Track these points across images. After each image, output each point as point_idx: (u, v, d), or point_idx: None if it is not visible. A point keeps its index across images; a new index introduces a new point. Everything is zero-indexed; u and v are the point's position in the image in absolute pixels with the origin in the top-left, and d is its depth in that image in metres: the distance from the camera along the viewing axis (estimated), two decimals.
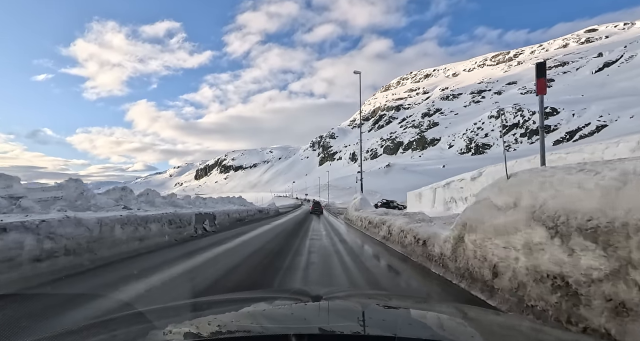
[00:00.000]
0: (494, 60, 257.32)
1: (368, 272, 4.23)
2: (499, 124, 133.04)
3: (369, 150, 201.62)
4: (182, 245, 6.29)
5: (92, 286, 3.23)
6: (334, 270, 4.29)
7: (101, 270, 3.93)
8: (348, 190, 67.14)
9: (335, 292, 1.61)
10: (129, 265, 4.28)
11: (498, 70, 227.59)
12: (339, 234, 9.56)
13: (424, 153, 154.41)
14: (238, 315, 1.08)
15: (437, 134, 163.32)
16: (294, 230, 10.51)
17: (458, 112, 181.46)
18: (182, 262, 4.42)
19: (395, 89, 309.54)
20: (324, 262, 4.79)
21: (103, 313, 2.37)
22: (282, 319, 1.03)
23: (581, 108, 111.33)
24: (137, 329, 0.94)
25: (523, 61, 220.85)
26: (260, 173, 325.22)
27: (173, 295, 2.97)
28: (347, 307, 1.21)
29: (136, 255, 4.94)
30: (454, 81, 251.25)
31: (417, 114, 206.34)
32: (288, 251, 5.74)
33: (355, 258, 5.22)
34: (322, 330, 0.82)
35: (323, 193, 79.64)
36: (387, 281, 3.90)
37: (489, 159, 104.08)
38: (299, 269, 4.23)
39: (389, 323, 0.98)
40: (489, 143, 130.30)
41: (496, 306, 2.65)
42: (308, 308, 1.14)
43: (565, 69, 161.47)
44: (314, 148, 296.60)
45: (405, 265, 4.76)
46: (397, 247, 6.26)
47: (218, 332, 0.84)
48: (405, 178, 71.93)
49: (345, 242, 7.49)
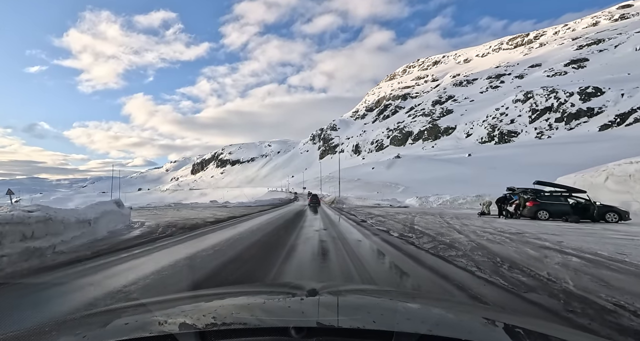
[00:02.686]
0: (511, 44, 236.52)
1: None
2: (527, 108, 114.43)
3: (374, 141, 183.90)
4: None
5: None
6: None
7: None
8: (357, 182, 51.01)
9: (333, 286, 1.61)
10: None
11: (517, 54, 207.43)
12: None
13: (437, 144, 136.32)
14: (235, 307, 1.07)
15: (451, 122, 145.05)
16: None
17: (474, 99, 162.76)
18: None
19: (401, 77, 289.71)
20: None
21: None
22: (281, 312, 1.02)
23: (632, 87, 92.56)
24: (136, 319, 0.95)
25: (546, 42, 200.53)
26: (258, 167, 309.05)
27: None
28: (345, 301, 1.20)
29: None
30: (466, 67, 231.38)
31: (426, 102, 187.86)
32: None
33: None
34: (321, 323, 0.81)
35: (325, 186, 64.43)
36: None
37: (521, 147, 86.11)
38: None
39: (387, 318, 0.97)
40: (515, 130, 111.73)
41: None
42: (306, 301, 1.13)
43: (601, 47, 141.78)
44: (314, 142, 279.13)
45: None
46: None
47: (214, 324, 0.83)
48: (428, 168, 54.48)
49: None
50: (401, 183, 42.30)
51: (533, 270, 3.94)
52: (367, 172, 62.12)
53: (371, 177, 52.59)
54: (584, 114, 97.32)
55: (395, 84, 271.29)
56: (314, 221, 12.10)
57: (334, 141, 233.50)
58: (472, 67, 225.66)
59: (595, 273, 3.80)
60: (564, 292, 3.06)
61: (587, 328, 2.23)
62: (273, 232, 8.75)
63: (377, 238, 7.08)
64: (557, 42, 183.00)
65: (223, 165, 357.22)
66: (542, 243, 6.20)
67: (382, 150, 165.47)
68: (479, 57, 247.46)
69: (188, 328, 0.79)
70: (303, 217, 14.13)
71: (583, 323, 2.30)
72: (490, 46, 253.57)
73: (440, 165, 56.57)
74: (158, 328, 0.82)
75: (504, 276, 3.67)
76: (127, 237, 7.19)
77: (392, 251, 5.50)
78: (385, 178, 46.36)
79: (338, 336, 0.79)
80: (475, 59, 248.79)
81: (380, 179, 45.35)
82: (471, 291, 3.09)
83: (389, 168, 59.22)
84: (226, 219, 12.74)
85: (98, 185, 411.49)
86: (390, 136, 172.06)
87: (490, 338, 0.86)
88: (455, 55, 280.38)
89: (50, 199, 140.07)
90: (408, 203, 27.43)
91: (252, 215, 16.03)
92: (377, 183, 40.77)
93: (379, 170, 62.29)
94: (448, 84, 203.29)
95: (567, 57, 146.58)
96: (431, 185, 39.91)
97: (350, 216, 14.88)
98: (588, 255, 5.00)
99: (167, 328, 0.81)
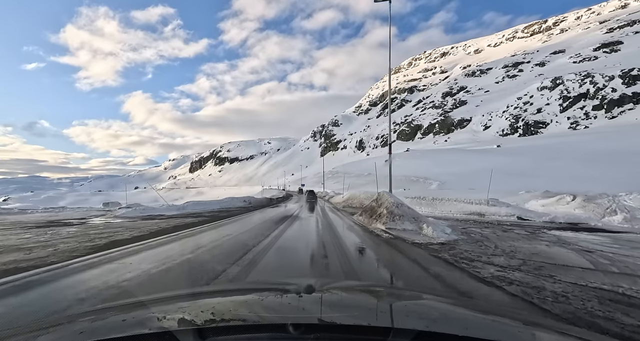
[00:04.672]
0: (527, 32, 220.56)
1: None
2: (557, 96, 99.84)
3: (380, 136, 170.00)
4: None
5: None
6: None
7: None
8: (367, 177, 38.45)
9: (331, 283, 1.64)
10: None
11: (534, 41, 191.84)
12: None
13: (450, 137, 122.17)
14: (234, 304, 1.08)
15: (465, 114, 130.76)
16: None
17: (489, 89, 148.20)
18: None
19: (406, 70, 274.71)
20: None
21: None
22: (279, 309, 1.02)
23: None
24: (134, 316, 0.95)
25: (568, 28, 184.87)
26: (257, 165, 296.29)
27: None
28: (343, 298, 1.19)
29: None
30: (477, 58, 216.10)
31: (436, 95, 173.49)
32: None
33: None
34: (320, 320, 0.81)
35: (328, 182, 55.09)
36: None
37: (550, 137, 71.73)
38: None
39: (386, 315, 0.97)
40: (544, 120, 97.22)
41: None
42: (304, 298, 1.13)
43: (636, 28, 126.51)
44: (315, 139, 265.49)
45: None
46: None
47: (212, 320, 0.83)
48: (461, 160, 41.10)
49: None
50: (431, 177, 29.06)
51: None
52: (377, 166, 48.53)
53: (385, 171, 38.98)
54: (629, 100, 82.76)
55: (401, 77, 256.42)
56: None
57: (336, 137, 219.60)
58: (484, 57, 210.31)
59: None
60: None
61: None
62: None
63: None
64: (581, 27, 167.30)
65: (221, 163, 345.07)
66: None
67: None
68: (491, 47, 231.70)
69: (186, 324, 0.78)
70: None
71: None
72: (504, 35, 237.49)
73: (477, 155, 42.75)
74: (156, 325, 0.81)
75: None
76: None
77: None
78: (406, 172, 32.21)
79: (336, 333, 0.78)
80: (487, 49, 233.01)
81: (402, 173, 30.80)
82: None
83: (408, 160, 45.10)
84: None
85: (94, 184, 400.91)
86: (397, 130, 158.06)
87: (488, 334, 0.85)
88: (464, 46, 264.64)
89: (41, 198, 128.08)
90: (541, 210, 12.46)
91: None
92: (400, 178, 26.33)
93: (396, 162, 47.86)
94: (459, 75, 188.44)
95: (596, 41, 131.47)
96: (474, 178, 26.23)
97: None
98: None
99: (165, 324, 0.80)
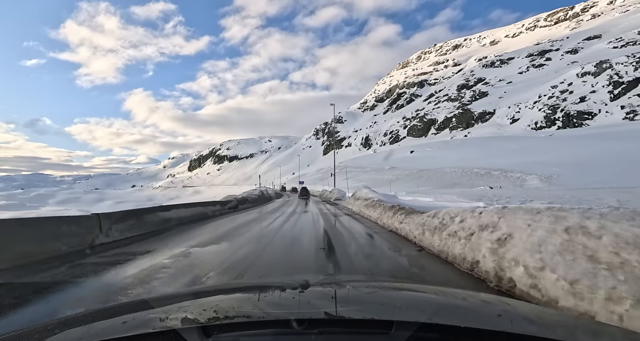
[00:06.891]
0: (551, 20, 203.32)
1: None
2: (604, 82, 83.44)
3: (388, 132, 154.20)
4: None
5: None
6: None
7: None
8: (392, 172, 23.03)
9: (331, 278, 1.62)
10: None
11: (561, 29, 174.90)
12: None
13: (471, 132, 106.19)
14: (237, 301, 1.08)
15: (487, 106, 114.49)
16: None
17: (511, 80, 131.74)
18: None
19: (415, 64, 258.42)
20: None
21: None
22: (282, 304, 1.02)
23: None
24: (138, 315, 0.95)
25: (601, 13, 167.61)
26: (257, 164, 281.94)
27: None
28: (344, 292, 1.20)
29: None
30: (494, 49, 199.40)
31: (450, 87, 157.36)
32: None
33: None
34: (322, 314, 0.82)
35: (333, 179, 40.10)
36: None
37: (598, 127, 57.88)
38: None
39: (387, 308, 0.97)
40: (589, 110, 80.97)
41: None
42: (306, 294, 1.13)
43: None
44: (317, 137, 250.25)
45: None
46: None
47: (216, 318, 0.84)
48: (511, 147, 25.85)
49: None
50: (518, 170, 14.73)
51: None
52: (400, 158, 33.29)
53: (418, 164, 23.54)
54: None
55: (410, 71, 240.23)
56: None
57: (339, 134, 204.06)
58: (501, 48, 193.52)
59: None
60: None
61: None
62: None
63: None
64: (617, 11, 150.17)
65: (220, 161, 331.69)
66: None
67: (398, 142, 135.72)
68: (509, 38, 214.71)
69: (190, 322, 0.78)
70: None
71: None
72: (524, 24, 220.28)
73: (588, 140, 26.92)
74: (160, 324, 0.81)
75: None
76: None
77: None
78: (446, 163, 15.78)
79: (339, 327, 0.78)
80: (504, 39, 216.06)
81: (449, 165, 12.73)
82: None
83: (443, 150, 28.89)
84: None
85: (92, 182, 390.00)
86: (407, 126, 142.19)
87: (489, 325, 0.85)
88: (479, 37, 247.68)
89: (31, 195, 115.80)
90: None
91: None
92: (452, 173, 8.26)
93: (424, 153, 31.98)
94: (475, 66, 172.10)
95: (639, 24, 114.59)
96: (592, 169, 7.61)
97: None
98: None
99: (169, 323, 0.80)
